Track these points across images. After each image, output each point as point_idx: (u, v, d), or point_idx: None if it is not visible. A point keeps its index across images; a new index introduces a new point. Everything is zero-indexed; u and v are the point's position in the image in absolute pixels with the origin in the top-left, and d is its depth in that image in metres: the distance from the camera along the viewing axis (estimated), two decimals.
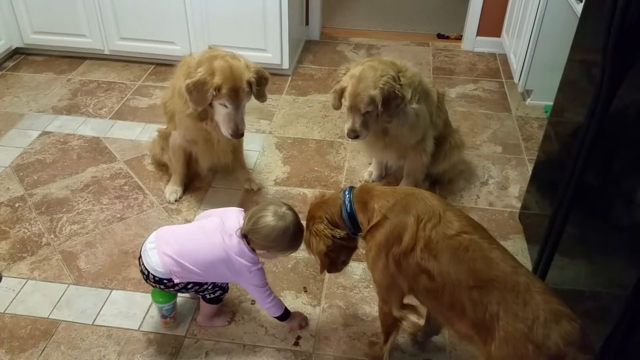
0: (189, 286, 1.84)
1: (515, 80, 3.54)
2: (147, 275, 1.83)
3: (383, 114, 2.20)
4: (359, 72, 2.18)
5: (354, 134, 2.25)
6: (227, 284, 1.94)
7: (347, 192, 1.73)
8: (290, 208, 1.80)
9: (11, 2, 3.54)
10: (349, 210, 1.70)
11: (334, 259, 1.76)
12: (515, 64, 3.54)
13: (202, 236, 1.80)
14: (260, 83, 2.26)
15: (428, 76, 3.71)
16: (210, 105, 2.18)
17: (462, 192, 2.72)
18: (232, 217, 1.82)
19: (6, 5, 3.53)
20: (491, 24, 3.97)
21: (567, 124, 2.09)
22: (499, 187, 2.76)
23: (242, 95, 2.18)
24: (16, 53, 3.80)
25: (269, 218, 1.74)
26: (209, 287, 1.88)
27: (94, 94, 3.45)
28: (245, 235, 1.77)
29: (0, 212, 2.52)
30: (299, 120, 3.23)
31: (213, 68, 2.12)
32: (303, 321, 2.03)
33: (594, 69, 1.77)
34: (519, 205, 2.60)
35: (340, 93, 2.24)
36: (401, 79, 2.28)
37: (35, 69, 3.69)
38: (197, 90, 2.11)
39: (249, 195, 2.66)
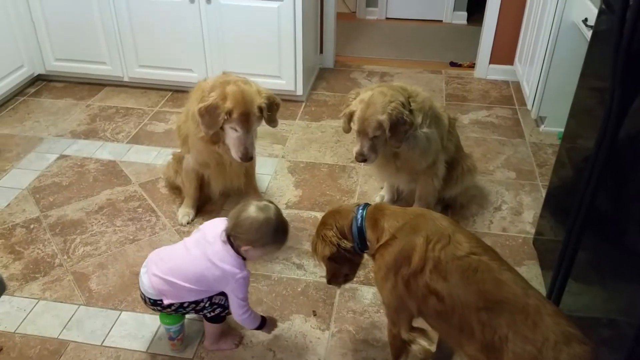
0: (185, 305, 1.84)
1: (529, 107, 3.53)
2: (144, 299, 1.86)
3: (391, 139, 2.21)
4: (368, 97, 2.20)
5: (362, 158, 2.25)
6: (227, 302, 1.93)
7: (360, 208, 1.75)
8: (271, 202, 1.83)
9: (34, 30, 3.66)
10: (359, 225, 1.71)
11: (337, 270, 1.76)
12: (528, 91, 3.54)
13: (184, 251, 1.83)
14: (272, 109, 2.29)
15: (441, 103, 3.72)
16: (222, 129, 2.21)
17: (474, 217, 2.69)
18: (213, 226, 1.84)
19: (29, 33, 3.65)
20: (504, 52, 3.99)
21: (578, 149, 2.07)
22: (513, 212, 2.73)
23: (253, 119, 2.20)
24: (38, 79, 3.91)
25: (251, 210, 1.75)
26: (207, 305, 1.87)
27: (112, 119, 3.52)
28: (229, 237, 1.78)
29: (15, 233, 2.56)
30: (311, 145, 3.25)
31: (225, 93, 2.16)
32: (274, 325, 2.01)
33: (603, 94, 1.76)
34: (533, 231, 2.56)
35: (350, 117, 2.26)
36: (412, 104, 2.29)
37: (56, 94, 3.79)
38: (209, 114, 2.14)
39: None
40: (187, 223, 2.62)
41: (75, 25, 3.62)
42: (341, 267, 1.77)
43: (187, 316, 2.06)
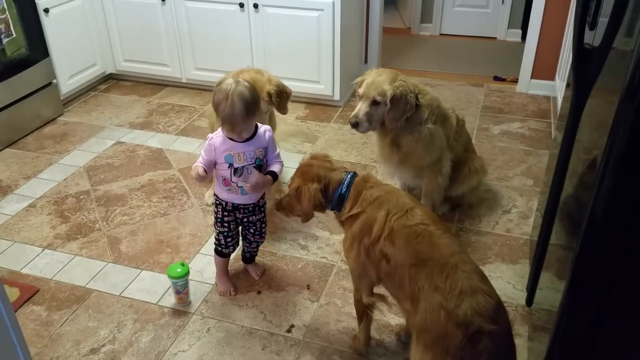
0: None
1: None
2: None
3: (389, 113, 2.34)
4: (382, 71, 2.41)
5: (354, 120, 2.38)
6: (222, 235, 2.26)
7: (350, 176, 1.88)
8: (250, 85, 2.00)
9: (108, 34, 4.15)
10: (343, 191, 1.85)
11: (295, 210, 1.94)
12: (559, 105, 3.57)
13: None
14: (281, 96, 2.53)
15: (475, 114, 3.83)
16: None
17: (481, 218, 2.78)
18: None
19: (104, 35, 4.14)
20: (545, 67, 4.03)
21: (556, 152, 2.15)
22: (521, 216, 2.79)
23: (262, 103, 2.45)
24: (109, 78, 4.40)
25: (223, 81, 2.01)
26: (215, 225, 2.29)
27: (167, 114, 3.91)
28: None
29: (67, 201, 2.95)
30: (339, 145, 3.46)
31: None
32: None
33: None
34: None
35: (360, 85, 2.43)
36: (420, 99, 2.44)
37: (123, 92, 4.25)
38: None
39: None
40: (212, 204, 2.88)
41: (143, 31, 4.07)
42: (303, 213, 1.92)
43: (194, 278, 2.33)
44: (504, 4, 5.18)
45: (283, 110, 2.60)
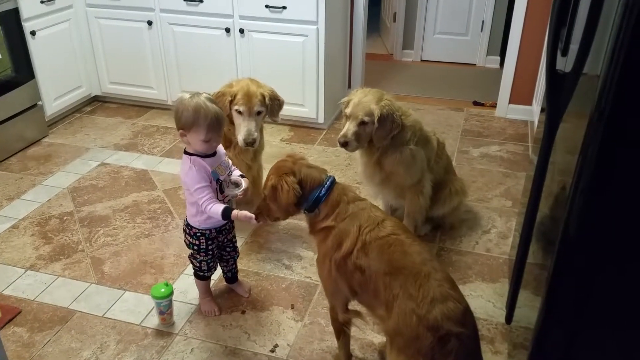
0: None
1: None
2: None
3: (377, 132, 2.40)
4: (368, 91, 2.48)
5: (343, 140, 2.45)
6: (205, 263, 2.26)
7: (329, 181, 1.86)
8: (210, 98, 2.04)
9: (94, 56, 4.19)
10: (321, 194, 1.82)
11: (273, 211, 1.92)
12: (536, 129, 3.67)
13: None
14: (273, 100, 2.65)
15: (455, 137, 3.91)
16: (231, 120, 2.59)
17: (462, 238, 2.84)
18: None
19: (89, 58, 4.18)
20: (522, 93, 4.15)
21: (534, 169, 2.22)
22: (500, 236, 2.85)
23: (255, 101, 2.55)
24: (95, 100, 4.42)
25: (183, 97, 2.03)
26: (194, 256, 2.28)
27: (152, 136, 3.94)
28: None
29: (50, 222, 2.95)
30: (323, 166, 3.45)
31: (232, 84, 2.64)
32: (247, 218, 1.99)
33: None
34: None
35: (347, 104, 2.49)
36: (403, 120, 2.51)
37: (108, 113, 4.27)
38: (217, 100, 2.47)
39: (262, 226, 2.93)
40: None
41: (129, 54, 4.12)
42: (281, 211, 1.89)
43: (178, 299, 2.34)
44: (483, 31, 5.33)
45: (275, 117, 2.69)
